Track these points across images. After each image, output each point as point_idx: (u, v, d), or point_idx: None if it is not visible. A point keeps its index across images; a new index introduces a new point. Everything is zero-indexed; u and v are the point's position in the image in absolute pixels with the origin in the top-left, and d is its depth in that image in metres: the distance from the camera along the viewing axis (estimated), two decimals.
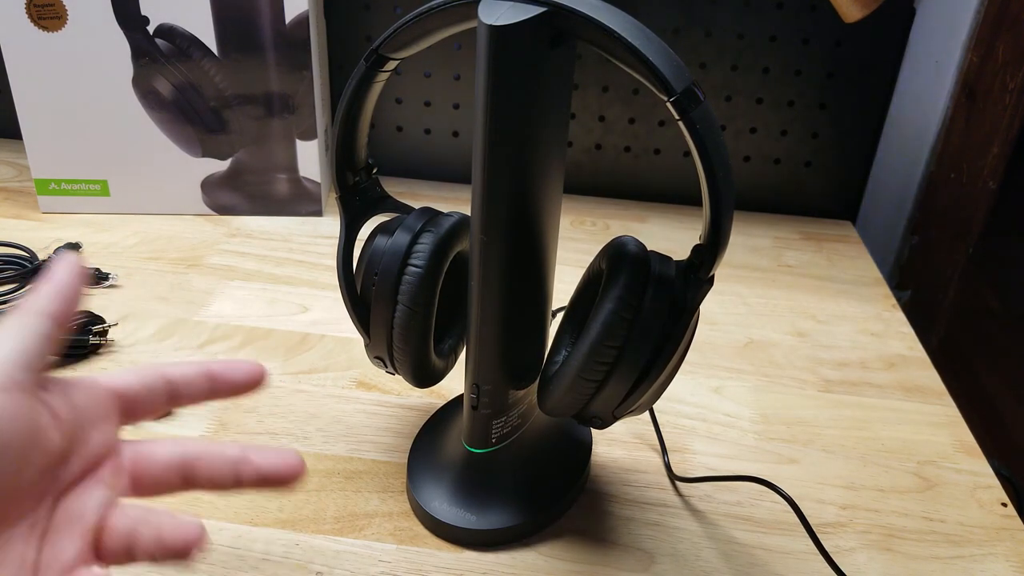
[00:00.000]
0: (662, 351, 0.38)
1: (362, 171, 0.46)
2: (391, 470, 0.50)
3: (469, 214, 0.41)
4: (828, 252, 0.82)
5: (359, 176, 0.46)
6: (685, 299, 0.38)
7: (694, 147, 0.34)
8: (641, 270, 0.39)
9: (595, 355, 0.38)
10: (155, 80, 0.73)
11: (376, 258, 0.44)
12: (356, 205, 0.46)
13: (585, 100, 0.85)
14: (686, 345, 0.39)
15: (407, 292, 0.43)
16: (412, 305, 0.43)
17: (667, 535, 0.47)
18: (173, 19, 0.71)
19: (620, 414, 0.41)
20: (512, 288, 0.41)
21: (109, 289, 0.67)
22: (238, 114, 0.75)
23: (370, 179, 0.47)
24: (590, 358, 0.38)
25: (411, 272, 0.43)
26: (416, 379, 0.46)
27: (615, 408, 0.40)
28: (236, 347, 0.61)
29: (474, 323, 0.41)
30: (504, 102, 0.35)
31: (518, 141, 0.37)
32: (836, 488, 0.51)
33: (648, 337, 0.38)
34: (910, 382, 0.62)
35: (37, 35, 0.70)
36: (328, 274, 0.72)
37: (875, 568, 0.46)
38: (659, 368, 0.38)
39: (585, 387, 0.39)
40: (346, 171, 0.45)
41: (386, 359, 0.46)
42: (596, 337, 0.38)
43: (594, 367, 0.39)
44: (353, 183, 0.46)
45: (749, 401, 0.59)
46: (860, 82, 0.82)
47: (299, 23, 0.72)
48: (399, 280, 0.43)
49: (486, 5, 0.34)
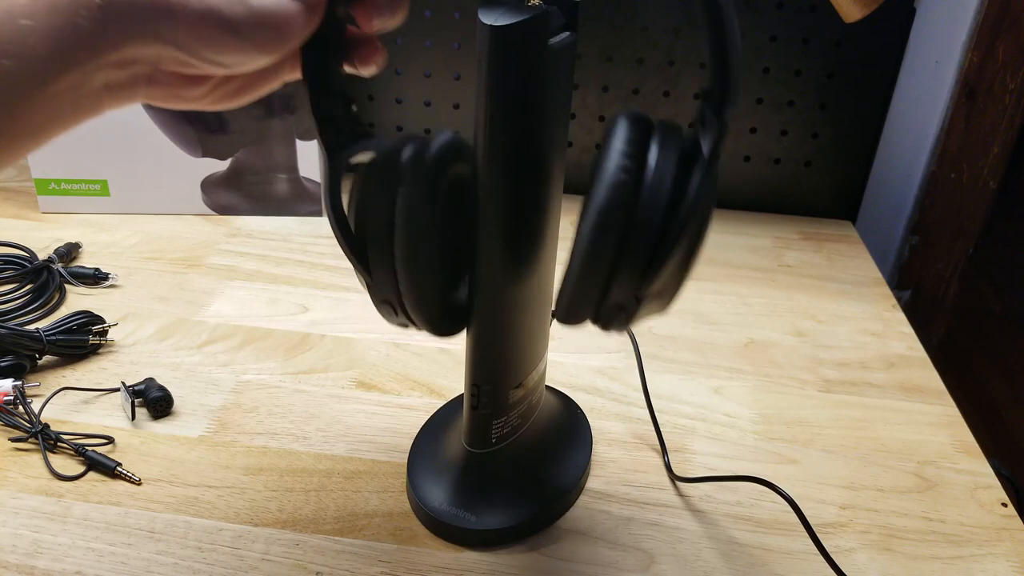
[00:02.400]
0: (678, 208, 0.33)
1: (338, 100, 0.40)
2: (391, 470, 0.50)
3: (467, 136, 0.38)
4: (828, 252, 0.82)
5: (335, 106, 0.40)
6: (698, 148, 0.33)
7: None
8: (643, 123, 0.34)
9: (602, 221, 0.32)
10: None
11: (366, 186, 0.38)
12: (334, 135, 0.40)
13: (585, 100, 0.85)
14: (707, 206, 0.33)
15: (404, 214, 0.37)
16: (413, 227, 0.37)
17: (667, 535, 0.47)
18: None
19: (643, 295, 0.35)
20: (512, 288, 0.41)
21: (109, 289, 0.67)
22: (238, 114, 0.75)
23: (349, 112, 0.41)
24: (597, 229, 0.33)
25: (406, 192, 0.37)
26: (433, 319, 0.39)
27: (637, 288, 0.34)
28: (236, 347, 0.61)
29: (474, 323, 0.41)
30: (504, 103, 0.35)
31: (518, 141, 0.37)
32: (836, 488, 0.51)
33: (660, 191, 0.32)
34: (910, 382, 0.62)
35: None
36: (328, 274, 0.72)
37: (875, 568, 0.46)
38: (676, 231, 0.33)
39: (599, 269, 0.34)
40: (321, 97, 0.39)
41: (394, 301, 0.39)
42: (600, 202, 0.33)
43: (603, 238, 0.33)
44: (330, 112, 0.40)
45: (749, 401, 0.59)
46: (860, 82, 0.82)
47: None
48: (394, 202, 0.37)
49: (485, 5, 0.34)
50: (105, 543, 0.44)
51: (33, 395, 0.54)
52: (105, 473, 0.48)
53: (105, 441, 0.50)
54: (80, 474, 0.48)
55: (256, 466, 0.50)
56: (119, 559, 0.43)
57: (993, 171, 0.84)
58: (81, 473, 0.48)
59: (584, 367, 0.61)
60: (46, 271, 0.67)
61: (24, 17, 0.28)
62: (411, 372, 0.59)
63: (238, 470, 0.49)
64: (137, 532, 0.45)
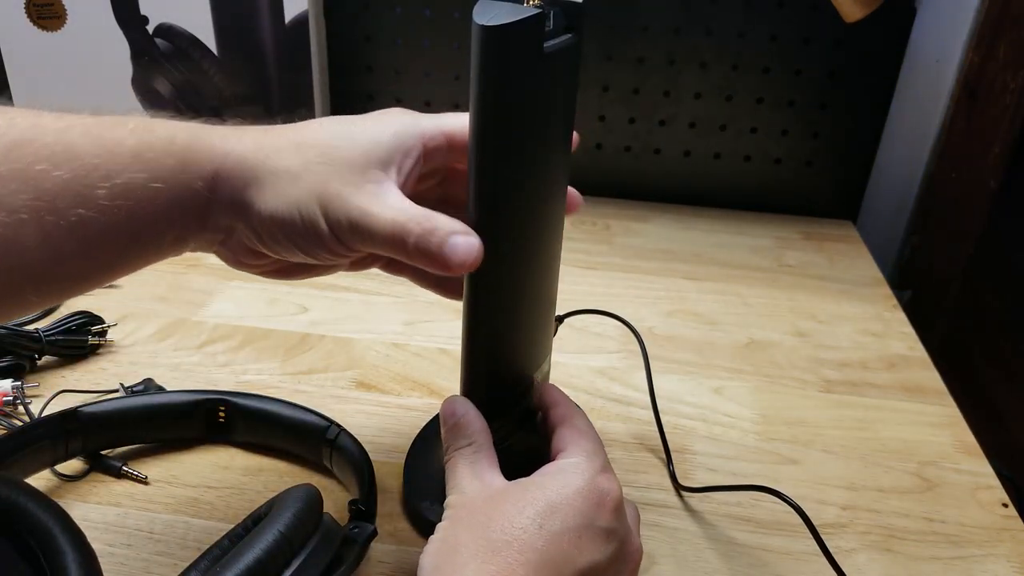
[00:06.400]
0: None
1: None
2: (390, 470, 0.50)
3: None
4: (829, 252, 0.82)
5: None
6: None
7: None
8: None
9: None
10: (154, 80, 0.73)
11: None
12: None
13: (585, 100, 0.85)
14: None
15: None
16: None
17: (667, 536, 0.47)
18: (173, 19, 0.71)
19: None
20: (506, 291, 0.40)
21: (108, 289, 0.67)
22: (237, 114, 0.75)
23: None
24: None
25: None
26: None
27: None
28: (236, 347, 0.61)
29: (467, 326, 0.41)
30: (497, 104, 0.34)
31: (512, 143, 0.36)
32: (837, 489, 0.51)
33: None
34: (911, 382, 0.62)
35: (37, 35, 0.70)
36: None
37: (876, 569, 0.45)
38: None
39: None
40: None
41: None
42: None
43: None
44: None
45: (750, 402, 0.59)
46: (861, 82, 0.82)
47: (299, 23, 0.72)
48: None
49: (480, 5, 0.34)
50: (104, 544, 0.44)
51: (33, 395, 0.54)
52: (110, 473, 0.48)
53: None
54: (82, 474, 0.48)
55: (256, 467, 0.50)
56: (118, 560, 0.43)
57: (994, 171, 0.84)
58: (83, 473, 0.48)
59: (584, 367, 0.61)
60: None
61: (157, 181, 0.34)
62: (411, 372, 0.59)
63: (238, 471, 0.49)
64: (137, 533, 0.45)
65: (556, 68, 0.36)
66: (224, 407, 0.49)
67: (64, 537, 0.33)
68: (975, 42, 0.81)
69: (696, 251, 0.80)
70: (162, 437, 0.50)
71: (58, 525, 0.33)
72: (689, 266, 0.77)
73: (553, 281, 0.45)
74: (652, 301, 0.71)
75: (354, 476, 0.45)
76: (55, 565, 0.32)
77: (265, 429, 0.49)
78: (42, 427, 0.45)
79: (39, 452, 0.44)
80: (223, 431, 0.50)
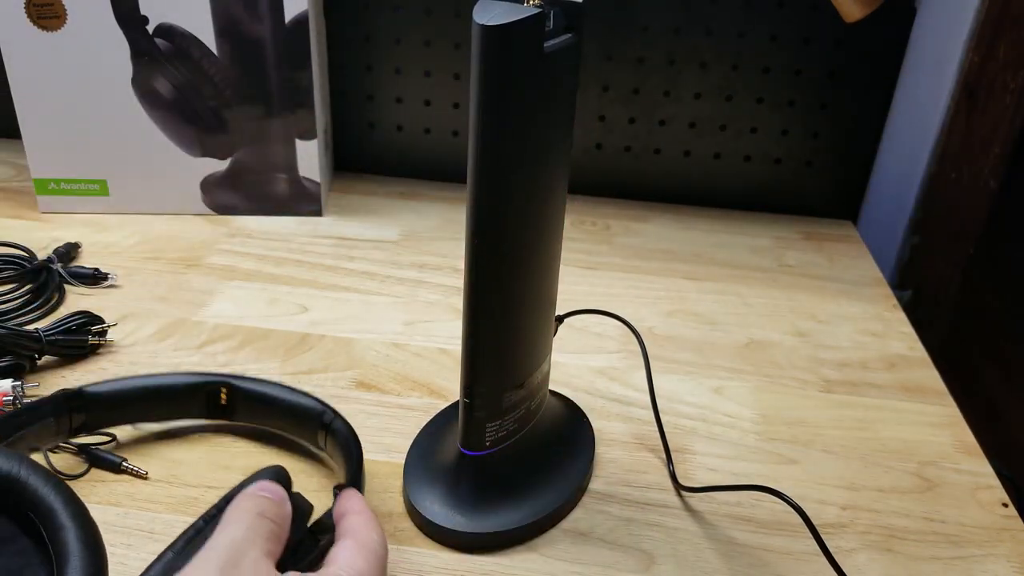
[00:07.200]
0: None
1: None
2: (390, 470, 0.50)
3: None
4: (829, 252, 0.82)
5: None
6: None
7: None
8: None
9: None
10: (154, 80, 0.73)
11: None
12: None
13: (585, 100, 0.85)
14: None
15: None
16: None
17: (667, 536, 0.47)
18: (172, 19, 0.71)
19: None
20: (505, 291, 0.40)
21: (108, 289, 0.67)
22: (237, 114, 0.75)
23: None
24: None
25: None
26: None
27: None
28: (236, 347, 0.61)
29: (467, 325, 0.41)
30: (498, 103, 0.34)
31: (512, 142, 0.36)
32: (837, 489, 0.51)
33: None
34: (911, 382, 0.62)
35: (36, 35, 0.70)
36: (328, 274, 0.71)
37: (876, 569, 0.46)
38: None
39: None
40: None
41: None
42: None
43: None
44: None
45: (750, 401, 0.59)
46: (861, 82, 0.82)
47: (299, 23, 0.72)
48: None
49: (481, 5, 0.34)
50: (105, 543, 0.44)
51: (33, 395, 0.54)
52: (110, 470, 0.48)
53: (108, 439, 0.50)
54: (82, 473, 0.48)
55: (256, 466, 0.50)
56: (119, 559, 0.43)
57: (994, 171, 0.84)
58: (83, 472, 0.48)
59: (584, 367, 0.61)
60: (45, 271, 0.67)
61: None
62: (411, 372, 0.59)
63: (238, 470, 0.49)
64: (137, 532, 0.45)
65: (556, 68, 0.36)
66: (226, 389, 0.50)
67: (67, 512, 0.33)
68: (975, 42, 0.81)
69: (696, 251, 0.80)
70: (165, 416, 0.51)
71: (60, 500, 0.34)
72: (689, 266, 0.77)
73: (553, 281, 0.45)
74: (652, 301, 0.71)
75: (344, 461, 0.46)
76: (57, 540, 0.32)
77: (264, 412, 0.50)
78: (48, 404, 0.46)
79: (44, 428, 0.45)
80: (224, 413, 0.51)
